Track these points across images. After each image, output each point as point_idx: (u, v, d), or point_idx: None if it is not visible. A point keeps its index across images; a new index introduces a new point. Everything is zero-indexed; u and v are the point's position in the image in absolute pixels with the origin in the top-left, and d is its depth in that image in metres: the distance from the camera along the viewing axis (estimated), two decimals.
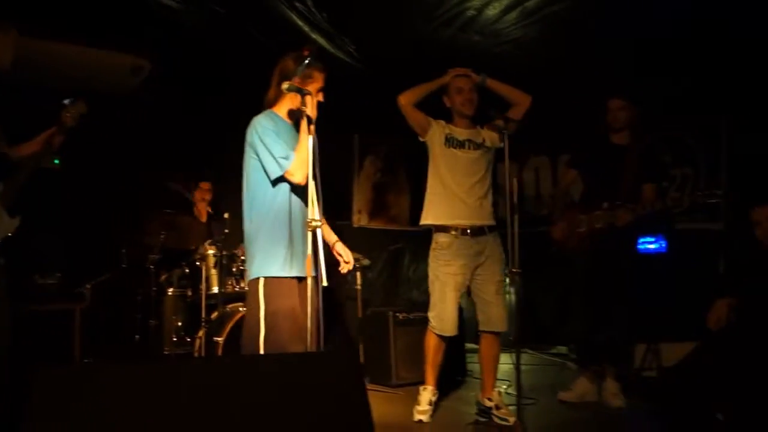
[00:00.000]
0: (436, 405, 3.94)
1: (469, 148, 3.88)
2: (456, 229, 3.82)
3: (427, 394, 3.89)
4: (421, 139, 3.97)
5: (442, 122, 3.95)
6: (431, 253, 3.90)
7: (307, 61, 2.97)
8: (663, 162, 5.64)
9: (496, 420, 3.76)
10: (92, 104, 3.38)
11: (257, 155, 2.96)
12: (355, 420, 1.89)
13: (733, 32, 4.40)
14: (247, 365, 1.95)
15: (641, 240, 5.21)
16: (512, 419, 3.62)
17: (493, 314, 3.84)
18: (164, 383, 1.70)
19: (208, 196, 5.34)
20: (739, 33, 4.38)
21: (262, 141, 2.93)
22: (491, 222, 3.87)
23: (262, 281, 2.93)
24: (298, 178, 2.92)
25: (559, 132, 5.97)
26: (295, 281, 2.98)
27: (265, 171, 2.96)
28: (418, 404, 3.87)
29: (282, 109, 3.11)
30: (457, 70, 3.90)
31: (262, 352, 2.84)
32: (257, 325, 2.88)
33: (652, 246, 5.22)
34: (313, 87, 2.99)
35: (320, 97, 3.05)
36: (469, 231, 3.81)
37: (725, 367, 2.91)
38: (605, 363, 4.18)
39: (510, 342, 6.57)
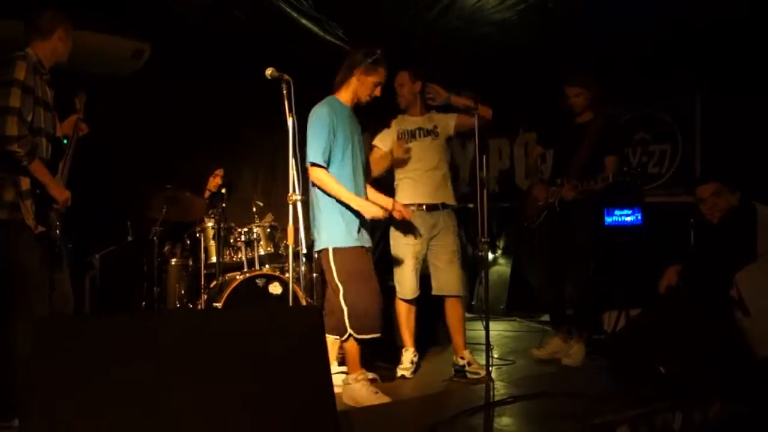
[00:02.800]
0: (418, 366, 4.26)
1: (419, 137, 4.21)
2: (414, 205, 4.15)
3: (408, 354, 4.23)
4: None
5: (394, 121, 4.31)
6: (391, 228, 4.25)
7: (375, 57, 3.41)
8: (641, 139, 5.87)
9: (469, 375, 4.07)
10: (98, 86, 3.68)
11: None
12: (314, 371, 2.14)
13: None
14: (214, 316, 2.20)
15: (618, 212, 5.43)
16: (483, 372, 3.92)
17: (445, 279, 4.18)
18: (146, 331, 1.91)
19: (220, 181, 5.46)
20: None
21: (312, 129, 3.39)
22: (447, 201, 4.22)
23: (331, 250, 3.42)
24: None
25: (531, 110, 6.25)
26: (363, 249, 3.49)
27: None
28: (401, 363, 4.20)
29: (344, 94, 3.53)
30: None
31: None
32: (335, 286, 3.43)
33: (628, 218, 5.41)
34: (372, 79, 3.45)
35: (377, 92, 3.50)
36: (425, 207, 4.17)
37: (666, 325, 3.19)
38: (573, 326, 4.49)
39: (501, 311, 6.90)
